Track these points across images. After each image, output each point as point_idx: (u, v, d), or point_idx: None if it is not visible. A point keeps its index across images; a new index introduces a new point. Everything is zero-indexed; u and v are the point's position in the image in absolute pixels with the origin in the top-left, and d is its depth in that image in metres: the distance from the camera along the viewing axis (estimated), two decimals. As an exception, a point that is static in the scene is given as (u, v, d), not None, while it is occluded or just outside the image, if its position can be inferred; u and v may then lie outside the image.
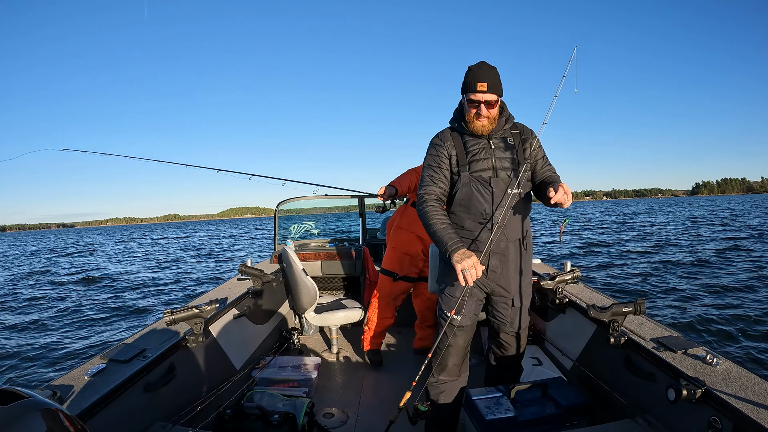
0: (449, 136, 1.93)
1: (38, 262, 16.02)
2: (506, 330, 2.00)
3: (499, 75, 1.83)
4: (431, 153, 1.96)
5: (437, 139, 1.97)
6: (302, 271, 3.06)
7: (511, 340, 2.03)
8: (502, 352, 2.07)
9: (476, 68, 1.81)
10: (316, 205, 4.65)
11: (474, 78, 1.79)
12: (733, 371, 1.55)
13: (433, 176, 1.92)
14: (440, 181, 1.91)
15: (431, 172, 1.93)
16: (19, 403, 0.74)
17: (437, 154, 1.92)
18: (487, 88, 1.78)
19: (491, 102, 1.80)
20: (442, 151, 1.91)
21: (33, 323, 6.60)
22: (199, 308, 2.05)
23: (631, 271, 10.53)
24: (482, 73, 1.79)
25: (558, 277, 2.56)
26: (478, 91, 1.78)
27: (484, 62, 1.84)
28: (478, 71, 1.80)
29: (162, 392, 1.81)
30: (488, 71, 1.81)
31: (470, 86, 1.79)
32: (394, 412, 1.74)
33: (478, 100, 1.79)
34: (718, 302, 7.26)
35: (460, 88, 1.88)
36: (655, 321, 2.07)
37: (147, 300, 8.32)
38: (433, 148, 1.96)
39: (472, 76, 1.80)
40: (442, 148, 1.91)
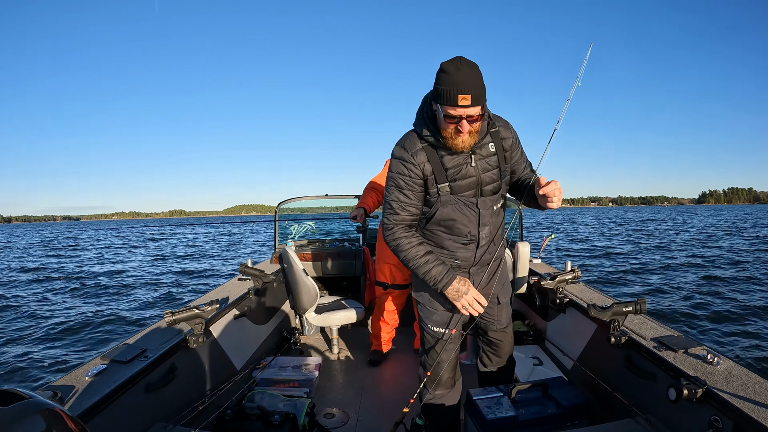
0: (421, 150, 1.59)
1: (35, 259, 16.05)
2: (494, 328, 1.95)
3: (482, 77, 1.46)
4: (399, 171, 1.61)
5: (406, 154, 1.60)
6: (302, 272, 3.06)
7: (501, 336, 1.99)
8: (494, 349, 2.03)
9: (454, 72, 1.42)
10: (317, 205, 4.65)
11: (454, 88, 1.42)
12: (734, 370, 1.54)
13: (402, 202, 1.64)
14: (411, 206, 1.65)
15: (400, 196, 1.63)
16: (19, 404, 0.74)
17: (408, 174, 1.60)
18: (470, 101, 1.43)
19: (475, 116, 1.48)
20: (414, 171, 1.59)
21: (33, 323, 6.60)
22: (199, 308, 2.05)
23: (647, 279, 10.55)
24: (464, 81, 1.42)
25: (558, 277, 2.56)
26: (460, 105, 1.43)
27: (463, 61, 1.45)
28: (457, 77, 1.42)
29: (163, 393, 1.81)
30: (470, 76, 1.43)
31: (448, 97, 1.43)
32: (391, 426, 1.75)
33: (459, 116, 1.46)
34: (718, 301, 7.26)
35: (432, 93, 1.51)
36: (656, 320, 2.07)
37: (147, 300, 8.33)
38: (401, 165, 1.61)
39: (451, 84, 1.42)
40: (415, 167, 1.59)
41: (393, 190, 1.65)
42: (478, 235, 1.70)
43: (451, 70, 1.43)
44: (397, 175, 1.63)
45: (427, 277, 1.64)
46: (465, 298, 1.60)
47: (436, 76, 1.47)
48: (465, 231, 1.69)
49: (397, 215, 1.66)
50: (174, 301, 8.42)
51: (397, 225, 1.67)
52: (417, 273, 1.66)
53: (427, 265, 1.63)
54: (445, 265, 1.65)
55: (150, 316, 7.08)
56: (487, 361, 2.08)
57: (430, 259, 1.63)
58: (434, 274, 1.62)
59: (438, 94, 1.46)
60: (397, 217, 1.66)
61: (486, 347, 2.05)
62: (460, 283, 1.62)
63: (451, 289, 1.62)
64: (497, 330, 1.96)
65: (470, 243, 1.72)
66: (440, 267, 1.63)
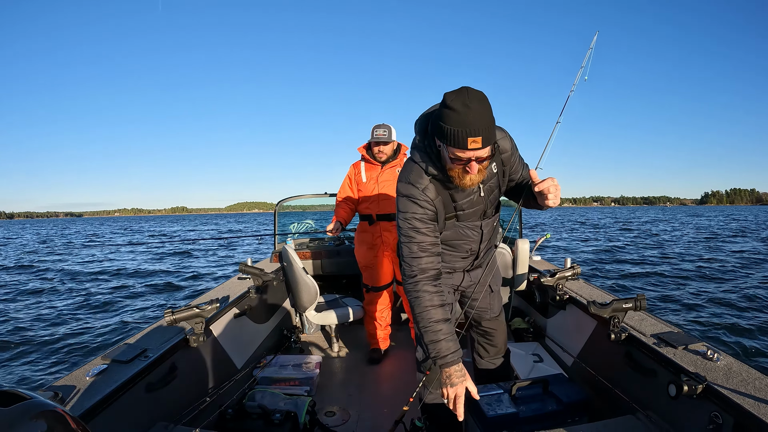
0: (430, 185, 1.51)
1: (34, 257, 16.04)
2: (488, 316, 1.98)
3: (491, 111, 1.33)
4: (413, 211, 1.51)
5: (416, 191, 1.51)
6: (302, 270, 3.06)
7: (495, 324, 2.01)
8: (489, 339, 2.04)
9: (463, 111, 1.28)
10: (317, 203, 4.65)
11: (462, 130, 1.29)
12: (734, 366, 1.55)
13: (422, 243, 1.53)
14: (433, 245, 1.55)
15: (418, 236, 1.52)
16: (20, 405, 0.74)
17: (423, 212, 1.51)
18: (481, 144, 1.31)
19: (484, 157, 1.37)
20: (428, 207, 1.51)
21: (33, 323, 6.60)
22: (199, 308, 2.05)
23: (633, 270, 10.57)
24: (473, 122, 1.28)
25: (558, 274, 2.57)
26: (470, 148, 1.31)
27: (471, 94, 1.30)
28: (466, 117, 1.28)
29: (163, 392, 1.81)
30: (480, 115, 1.29)
31: (456, 140, 1.30)
32: (391, 424, 1.75)
33: (469, 158, 1.35)
34: (719, 298, 7.27)
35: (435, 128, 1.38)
36: (656, 317, 2.07)
37: (147, 300, 8.33)
38: (413, 204, 1.51)
39: (459, 124, 1.28)
40: (428, 203, 1.51)
41: (410, 232, 1.53)
42: (478, 250, 1.78)
43: (458, 107, 1.28)
44: (411, 215, 1.52)
45: (431, 347, 1.50)
46: (458, 389, 1.47)
47: (441, 112, 1.33)
48: (466, 248, 1.76)
49: (420, 259, 1.53)
50: (174, 300, 8.42)
51: (421, 274, 1.53)
52: (423, 335, 1.52)
53: (438, 335, 1.49)
54: (456, 342, 1.52)
55: (150, 316, 7.08)
56: (483, 353, 2.09)
57: (444, 330, 1.50)
58: (442, 348, 1.49)
59: (443, 134, 1.33)
60: (420, 261, 1.53)
61: (480, 338, 2.06)
62: (459, 371, 1.50)
63: (449, 370, 1.49)
64: (490, 319, 1.99)
65: (469, 256, 1.80)
66: (450, 343, 1.50)
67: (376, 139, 2.91)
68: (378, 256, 3.02)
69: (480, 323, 2.00)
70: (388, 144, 2.94)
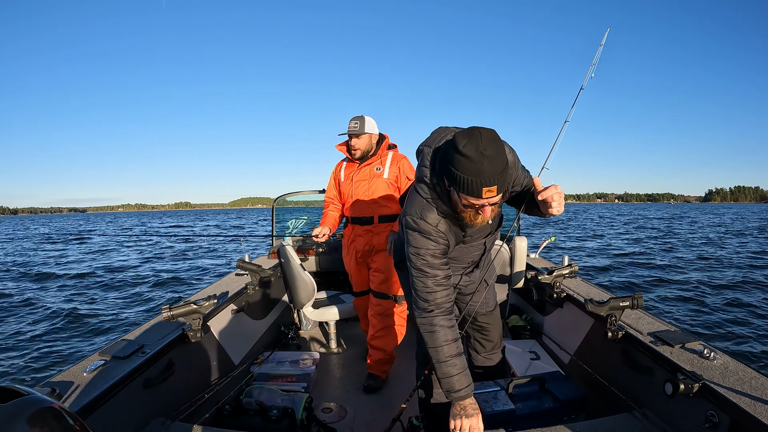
0: (443, 221, 1.49)
1: (30, 252, 15.99)
2: (483, 311, 1.99)
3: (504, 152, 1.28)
4: (426, 247, 1.48)
5: (430, 227, 1.48)
6: (300, 266, 3.05)
7: (490, 319, 2.03)
8: (484, 334, 2.05)
9: (477, 159, 1.22)
10: (314, 199, 4.65)
11: (478, 180, 1.24)
12: (731, 365, 1.55)
13: (438, 278, 1.50)
14: (447, 278, 1.54)
15: (434, 272, 1.50)
16: (17, 401, 0.74)
17: (436, 248, 1.49)
18: (495, 192, 1.27)
19: (498, 200, 1.35)
20: (441, 242, 1.50)
21: (29, 319, 6.59)
22: (197, 304, 2.05)
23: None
24: (489, 171, 1.23)
25: (556, 272, 2.57)
26: (485, 197, 1.28)
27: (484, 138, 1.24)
28: (481, 167, 1.23)
29: (161, 388, 1.81)
30: (495, 163, 1.24)
31: (470, 189, 1.26)
32: (388, 420, 1.75)
33: (482, 204, 1.33)
34: (716, 296, 7.31)
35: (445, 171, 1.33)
36: (653, 315, 2.08)
37: (145, 295, 8.31)
38: (427, 240, 1.49)
39: (474, 174, 1.24)
40: (442, 238, 1.50)
41: (424, 268, 1.50)
42: (479, 260, 1.82)
43: (472, 155, 1.22)
44: (425, 251, 1.49)
45: (445, 381, 1.49)
46: (470, 421, 1.46)
47: (453, 158, 1.27)
48: (469, 260, 1.80)
49: (436, 293, 1.51)
50: (171, 296, 8.41)
51: (437, 309, 1.51)
52: (437, 368, 1.51)
53: (453, 369, 1.48)
54: (469, 376, 1.51)
55: (147, 312, 7.07)
56: (479, 348, 2.09)
57: (458, 365, 1.49)
58: (454, 382, 1.48)
59: (455, 181, 1.28)
60: (436, 296, 1.51)
61: (476, 333, 2.07)
62: (473, 404, 1.50)
63: (464, 403, 1.49)
64: (486, 313, 2.01)
65: (470, 266, 1.84)
66: (464, 378, 1.49)
67: (349, 131, 2.59)
68: (351, 261, 2.84)
69: (476, 318, 2.01)
70: (361, 137, 2.59)
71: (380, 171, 2.65)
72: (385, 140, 2.72)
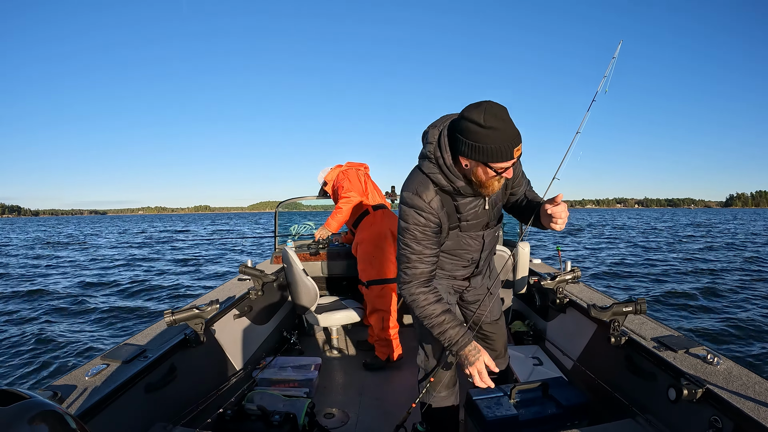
0: (436, 197, 1.53)
1: (34, 255, 16.05)
2: (488, 320, 1.98)
3: None
4: (416, 222, 1.53)
5: (422, 203, 1.52)
6: (302, 272, 3.06)
7: (495, 328, 2.02)
8: (489, 343, 2.04)
9: (504, 127, 1.32)
10: (317, 204, 4.66)
11: (509, 144, 1.33)
12: (734, 371, 1.54)
13: (421, 254, 1.56)
14: (431, 256, 1.58)
15: (418, 247, 1.55)
16: (19, 404, 0.74)
17: (426, 224, 1.53)
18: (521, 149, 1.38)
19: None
20: (432, 219, 1.53)
21: (31, 323, 6.61)
22: (199, 308, 2.05)
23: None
24: (515, 133, 1.34)
25: (558, 277, 2.56)
26: (516, 156, 1.36)
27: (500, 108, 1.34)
28: (508, 132, 1.32)
29: (163, 393, 1.81)
30: (512, 123, 1.35)
31: (503, 154, 1.33)
32: (391, 426, 1.75)
33: (509, 166, 1.40)
34: (719, 302, 7.26)
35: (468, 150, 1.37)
36: (656, 320, 2.07)
37: (147, 300, 8.33)
38: (417, 215, 1.52)
39: (505, 141, 1.32)
40: (432, 216, 1.53)
41: (410, 243, 1.56)
42: (479, 259, 1.78)
43: (497, 125, 1.31)
44: (413, 226, 1.54)
45: (443, 338, 1.56)
46: (477, 366, 1.52)
47: (475, 134, 1.33)
48: (468, 257, 1.77)
49: (416, 269, 1.57)
50: (174, 300, 8.42)
51: (414, 279, 1.58)
52: (432, 331, 1.58)
53: (444, 326, 1.55)
54: (463, 326, 1.57)
55: (150, 316, 7.08)
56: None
57: (447, 319, 1.56)
58: (451, 335, 1.54)
59: (485, 153, 1.34)
60: (416, 270, 1.57)
61: (480, 342, 2.05)
62: (474, 348, 1.55)
63: (465, 351, 1.54)
64: (490, 322, 1.99)
65: (470, 265, 1.80)
66: (457, 328, 1.55)
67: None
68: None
69: (481, 326, 2.00)
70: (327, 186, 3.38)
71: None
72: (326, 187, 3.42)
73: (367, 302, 3.10)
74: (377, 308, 3.01)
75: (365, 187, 3.28)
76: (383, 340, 3.03)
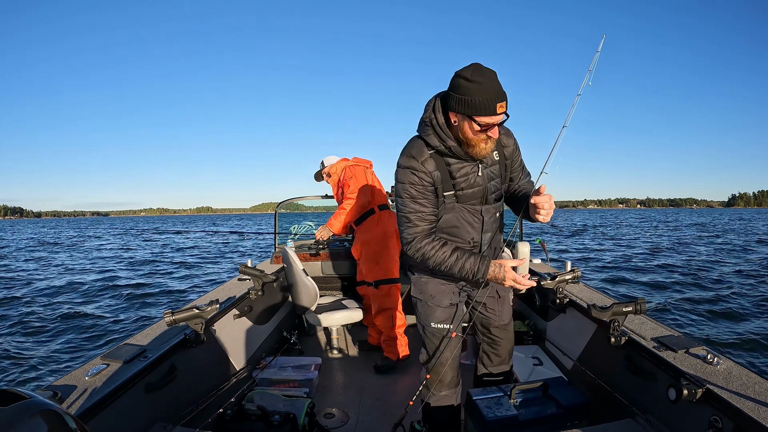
0: (430, 158, 1.59)
1: (37, 254, 16.05)
2: (496, 324, 1.95)
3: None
4: (411, 181, 1.59)
5: (415, 163, 1.59)
6: (302, 272, 3.06)
7: (502, 334, 1.99)
8: (495, 348, 2.02)
9: (488, 82, 1.41)
10: (317, 204, 4.66)
11: (492, 97, 1.41)
12: (734, 371, 1.55)
13: (419, 212, 1.61)
14: (429, 214, 1.62)
15: (415, 206, 1.61)
16: (19, 404, 0.74)
17: (420, 183, 1.59)
18: (505, 107, 1.45)
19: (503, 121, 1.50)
20: (425, 179, 1.59)
21: (32, 323, 6.61)
22: (199, 308, 2.05)
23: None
24: (499, 89, 1.42)
25: (558, 277, 2.56)
26: (498, 113, 1.43)
27: (487, 68, 1.44)
28: (492, 86, 1.41)
29: (163, 393, 1.81)
30: (499, 83, 1.43)
31: (486, 108, 1.42)
32: (390, 425, 1.75)
33: (494, 123, 1.47)
34: (718, 301, 7.26)
35: (455, 104, 1.47)
36: (656, 320, 2.07)
37: (147, 300, 8.33)
38: (412, 174, 1.59)
39: (487, 94, 1.41)
40: (426, 175, 1.58)
41: (407, 202, 1.61)
42: (481, 242, 1.73)
43: (482, 80, 1.41)
44: (408, 185, 1.60)
45: (464, 273, 1.59)
46: (509, 277, 1.55)
47: (462, 88, 1.43)
48: (468, 238, 1.72)
49: (417, 226, 1.62)
50: (173, 301, 8.42)
51: (417, 236, 1.63)
52: (452, 274, 1.62)
53: (459, 262, 1.58)
54: (476, 255, 1.61)
55: (150, 316, 7.08)
56: (487, 362, 2.07)
57: (459, 255, 1.59)
58: (469, 267, 1.57)
59: (470, 105, 1.43)
60: (416, 228, 1.62)
61: (486, 346, 2.04)
62: (497, 268, 1.58)
63: (491, 275, 1.57)
64: (499, 327, 1.97)
65: (472, 247, 1.75)
66: (472, 258, 1.58)
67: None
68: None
69: (489, 329, 1.98)
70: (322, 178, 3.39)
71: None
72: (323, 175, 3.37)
73: (373, 302, 3.08)
74: (385, 307, 3.01)
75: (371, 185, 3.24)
76: (391, 339, 3.02)
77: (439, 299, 1.81)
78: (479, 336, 2.06)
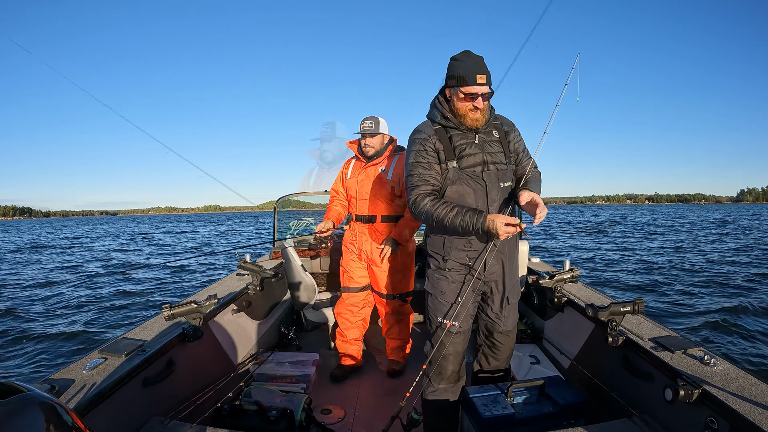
0: (433, 130, 1.82)
1: (33, 253, 16.04)
2: (500, 329, 1.96)
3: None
4: (416, 149, 1.81)
5: (421, 133, 1.83)
6: (301, 267, 3.05)
7: (504, 339, 2.00)
8: (494, 352, 2.03)
9: (469, 60, 1.72)
10: (316, 200, 4.65)
11: (472, 70, 1.69)
12: (731, 372, 1.55)
13: (423, 175, 1.79)
14: (432, 177, 1.79)
15: (420, 170, 1.79)
16: (17, 397, 0.74)
17: (424, 148, 1.79)
18: (485, 80, 1.71)
19: (487, 94, 1.74)
20: (428, 144, 1.79)
21: (30, 317, 6.60)
22: (197, 303, 2.05)
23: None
24: (479, 65, 1.71)
25: (557, 276, 2.56)
26: (478, 83, 1.70)
27: (472, 52, 1.75)
28: (473, 63, 1.71)
29: (160, 387, 1.81)
30: (482, 62, 1.73)
31: (467, 79, 1.69)
32: (387, 421, 1.75)
33: (476, 93, 1.71)
34: (717, 301, 7.27)
35: (446, 81, 1.78)
36: (654, 320, 2.07)
37: (145, 295, 8.33)
38: (417, 143, 1.81)
39: (468, 68, 1.70)
40: (428, 141, 1.79)
41: (413, 167, 1.80)
42: (487, 211, 1.75)
43: (465, 58, 1.73)
44: (414, 152, 1.81)
45: (464, 225, 1.68)
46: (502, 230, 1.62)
47: (451, 66, 1.74)
48: (473, 206, 1.75)
49: (420, 188, 1.78)
50: (172, 295, 8.42)
51: (421, 194, 1.77)
52: (455, 228, 1.71)
53: (459, 215, 1.68)
54: (473, 210, 1.70)
55: (148, 309, 7.07)
56: (484, 363, 2.09)
57: (459, 209, 1.69)
58: (467, 219, 1.67)
59: (456, 77, 1.72)
60: (420, 189, 1.78)
61: (486, 349, 2.06)
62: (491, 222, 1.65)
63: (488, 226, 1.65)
64: (502, 332, 1.97)
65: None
66: (470, 211, 1.68)
67: (362, 131, 2.63)
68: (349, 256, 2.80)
69: (492, 333, 1.99)
70: (375, 137, 2.63)
71: (384, 172, 2.66)
72: (393, 142, 2.73)
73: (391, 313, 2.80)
74: (405, 313, 2.86)
75: None
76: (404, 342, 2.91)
77: (449, 296, 1.85)
78: (480, 339, 2.07)
